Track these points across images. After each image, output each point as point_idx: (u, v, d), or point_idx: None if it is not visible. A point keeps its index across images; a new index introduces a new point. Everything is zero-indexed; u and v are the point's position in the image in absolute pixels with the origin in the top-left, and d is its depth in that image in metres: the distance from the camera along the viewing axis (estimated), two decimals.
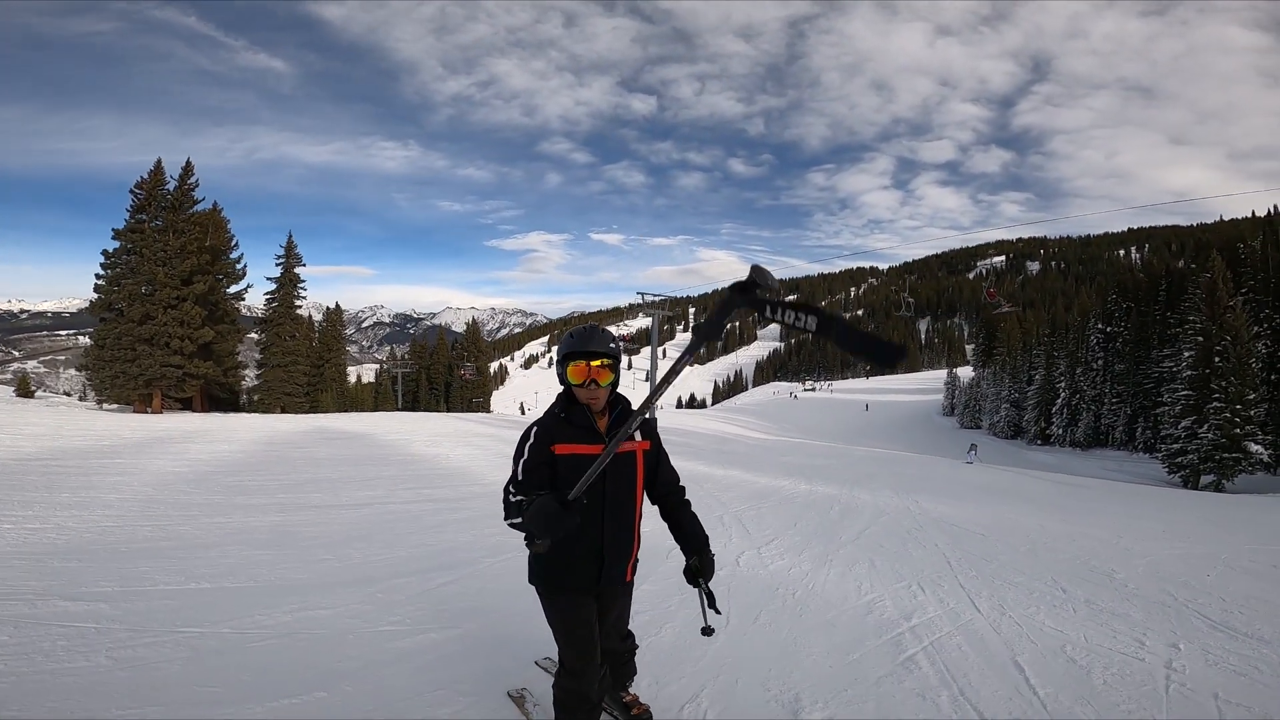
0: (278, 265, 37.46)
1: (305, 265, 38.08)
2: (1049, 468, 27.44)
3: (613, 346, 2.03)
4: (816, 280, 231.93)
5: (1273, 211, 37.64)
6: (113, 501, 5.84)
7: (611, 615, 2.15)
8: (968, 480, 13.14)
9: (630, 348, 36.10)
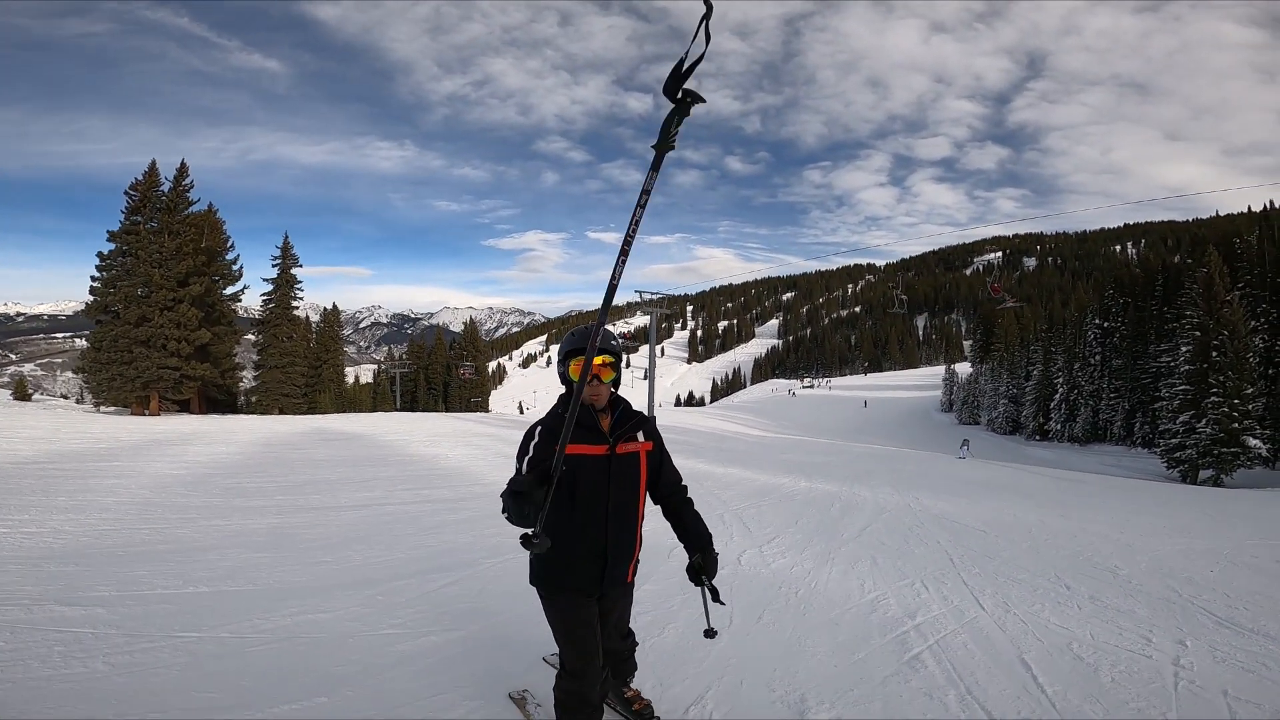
0: (274, 266, 37.31)
1: (302, 266, 37.95)
2: (1047, 463, 27.52)
3: (614, 344, 2.05)
4: (814, 277, 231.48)
5: (1268, 206, 37.81)
6: (110, 505, 5.80)
7: (613, 617, 2.15)
8: (966, 476, 13.13)
9: (629, 345, 36.16)
